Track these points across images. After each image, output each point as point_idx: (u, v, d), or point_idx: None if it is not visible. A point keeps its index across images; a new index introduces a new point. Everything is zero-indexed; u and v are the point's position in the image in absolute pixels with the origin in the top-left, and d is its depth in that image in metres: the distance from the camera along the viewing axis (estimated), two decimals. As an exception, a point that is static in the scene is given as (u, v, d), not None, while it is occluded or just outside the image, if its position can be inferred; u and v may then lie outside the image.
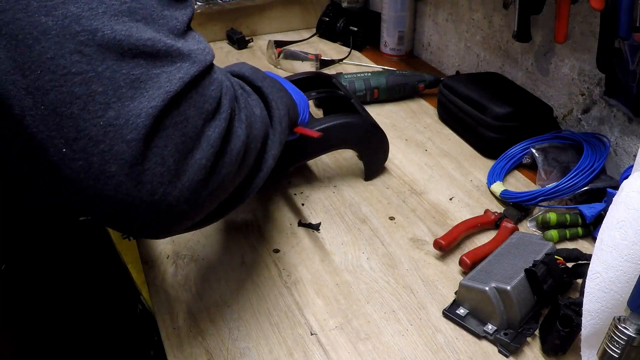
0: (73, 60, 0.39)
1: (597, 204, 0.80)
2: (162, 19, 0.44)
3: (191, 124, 0.44)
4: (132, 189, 0.42)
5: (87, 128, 0.40)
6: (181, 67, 0.43)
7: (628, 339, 0.48)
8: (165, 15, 0.44)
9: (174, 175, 0.43)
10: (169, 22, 0.44)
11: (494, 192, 0.90)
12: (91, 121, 0.40)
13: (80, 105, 0.39)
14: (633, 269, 0.51)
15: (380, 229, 0.83)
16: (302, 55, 1.35)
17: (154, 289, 0.73)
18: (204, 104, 0.45)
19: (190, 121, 0.44)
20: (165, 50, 0.42)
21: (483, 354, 0.64)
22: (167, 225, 0.47)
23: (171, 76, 0.42)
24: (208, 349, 0.65)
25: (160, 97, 0.42)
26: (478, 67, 1.24)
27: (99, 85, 0.40)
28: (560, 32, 0.91)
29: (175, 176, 0.43)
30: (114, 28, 0.40)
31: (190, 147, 0.44)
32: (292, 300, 0.72)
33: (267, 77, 0.66)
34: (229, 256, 0.79)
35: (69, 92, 0.39)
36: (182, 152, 0.43)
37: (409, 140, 1.07)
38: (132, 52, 0.41)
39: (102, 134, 0.40)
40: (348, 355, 0.64)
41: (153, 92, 0.41)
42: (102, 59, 0.40)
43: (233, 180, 0.52)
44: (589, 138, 0.90)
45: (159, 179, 0.42)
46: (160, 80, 0.42)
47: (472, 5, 1.22)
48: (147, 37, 0.42)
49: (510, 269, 0.68)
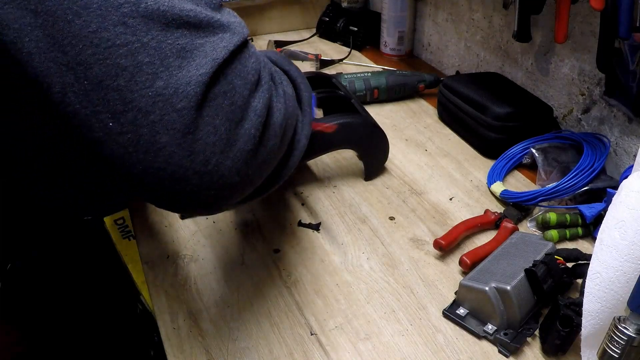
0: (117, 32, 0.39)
1: (597, 204, 0.80)
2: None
3: (239, 93, 0.44)
4: (185, 159, 0.41)
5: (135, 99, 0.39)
6: (223, 38, 0.43)
7: (628, 339, 0.48)
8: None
9: (226, 144, 0.43)
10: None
11: (494, 192, 0.90)
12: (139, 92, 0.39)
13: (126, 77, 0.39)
14: (633, 269, 0.51)
15: (380, 229, 0.83)
16: (302, 55, 1.35)
17: (154, 289, 0.73)
18: (247, 75, 0.45)
19: (237, 90, 0.44)
20: (207, 21, 0.43)
21: (483, 354, 0.64)
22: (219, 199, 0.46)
23: (215, 45, 0.42)
24: (208, 349, 0.65)
25: (209, 65, 0.41)
26: (478, 67, 1.24)
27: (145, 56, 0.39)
28: (560, 32, 0.91)
29: (227, 145, 0.43)
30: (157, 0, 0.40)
31: (239, 116, 0.44)
32: (292, 300, 0.72)
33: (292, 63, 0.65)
34: (229, 256, 0.79)
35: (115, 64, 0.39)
36: (232, 121, 0.43)
37: (409, 140, 1.07)
38: (176, 22, 0.41)
39: (151, 104, 0.39)
40: (348, 355, 0.64)
41: (200, 60, 0.41)
42: (147, 29, 0.40)
43: (277, 155, 0.51)
44: (589, 138, 0.90)
45: (211, 149, 0.42)
46: (206, 49, 0.42)
47: (472, 5, 1.22)
48: (189, 8, 0.42)
49: (510, 269, 0.68)
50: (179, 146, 0.40)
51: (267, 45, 1.40)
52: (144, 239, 0.82)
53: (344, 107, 0.94)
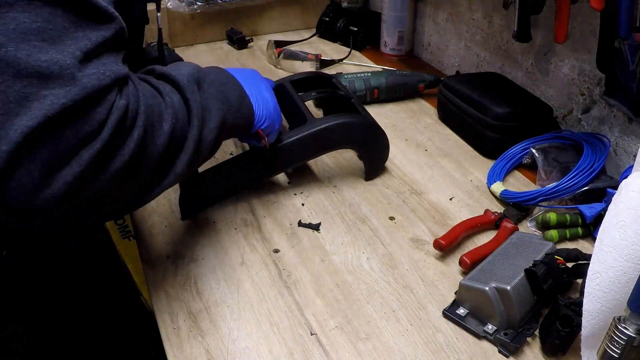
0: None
1: (597, 204, 0.79)
2: (72, 40, 0.48)
3: (64, 143, 0.47)
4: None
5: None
6: (69, 92, 0.46)
7: (628, 339, 0.49)
8: (76, 36, 0.48)
9: (38, 187, 0.46)
10: (78, 42, 0.48)
11: (494, 192, 0.90)
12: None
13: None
14: (633, 269, 0.51)
15: (380, 229, 0.83)
16: (302, 55, 1.35)
17: (154, 289, 0.73)
18: (83, 126, 0.48)
19: (64, 140, 0.47)
20: (58, 73, 0.46)
21: (483, 354, 0.64)
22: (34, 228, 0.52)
23: (55, 100, 0.45)
24: (208, 349, 0.65)
25: (38, 119, 0.45)
26: (478, 67, 1.24)
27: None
28: (560, 32, 0.91)
29: (39, 189, 0.46)
30: (18, 46, 0.44)
31: (58, 164, 0.47)
32: (292, 300, 0.72)
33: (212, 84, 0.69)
34: (229, 256, 0.79)
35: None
36: (49, 168, 0.46)
37: (409, 140, 1.07)
38: (27, 71, 0.45)
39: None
40: (348, 355, 0.64)
41: (35, 112, 0.45)
42: (1, 72, 0.44)
43: (113, 194, 0.54)
44: (589, 138, 0.90)
45: (22, 189, 0.45)
46: (45, 102, 0.45)
47: (472, 5, 1.22)
48: (45, 59, 0.45)
49: (510, 269, 0.68)
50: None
51: (267, 45, 1.40)
52: (144, 239, 0.82)
53: (344, 107, 0.94)
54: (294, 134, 0.85)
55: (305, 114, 0.87)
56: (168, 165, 0.61)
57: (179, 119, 0.61)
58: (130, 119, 0.52)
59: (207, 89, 0.67)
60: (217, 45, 1.51)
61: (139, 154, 0.54)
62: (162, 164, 0.59)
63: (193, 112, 0.63)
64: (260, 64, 1.40)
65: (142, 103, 0.54)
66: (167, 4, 1.40)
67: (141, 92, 0.55)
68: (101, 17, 0.50)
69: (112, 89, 0.50)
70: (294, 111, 0.90)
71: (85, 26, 0.49)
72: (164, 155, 0.59)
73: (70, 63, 0.46)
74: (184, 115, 0.62)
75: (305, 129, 0.85)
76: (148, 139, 0.55)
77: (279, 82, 0.96)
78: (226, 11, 1.50)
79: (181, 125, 0.61)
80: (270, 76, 0.98)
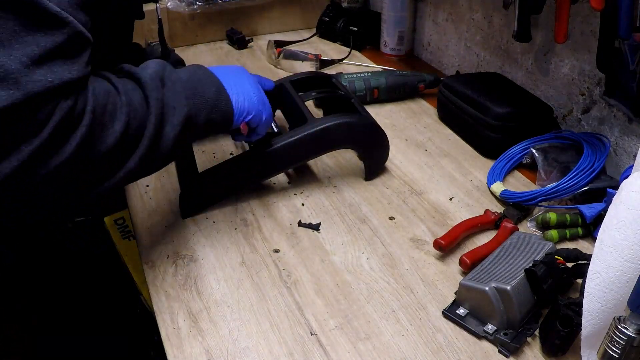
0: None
1: (597, 204, 0.79)
2: (20, 44, 0.50)
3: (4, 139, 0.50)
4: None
5: None
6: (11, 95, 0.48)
7: (628, 339, 0.49)
8: (26, 41, 0.50)
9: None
10: (26, 47, 0.50)
11: (494, 192, 0.90)
12: None
13: None
14: (633, 269, 0.51)
15: (380, 229, 0.83)
16: (302, 55, 1.35)
17: (154, 289, 0.73)
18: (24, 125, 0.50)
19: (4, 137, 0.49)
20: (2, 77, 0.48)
21: (483, 354, 0.64)
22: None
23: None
24: (208, 349, 0.65)
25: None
26: (478, 67, 1.24)
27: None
28: (560, 32, 0.91)
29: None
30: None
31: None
32: (292, 300, 0.72)
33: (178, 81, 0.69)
34: (229, 256, 0.79)
35: None
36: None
37: (409, 140, 1.07)
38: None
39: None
40: (348, 355, 0.64)
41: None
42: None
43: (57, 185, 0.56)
44: (589, 138, 0.90)
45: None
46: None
47: (472, 5, 1.22)
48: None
49: (510, 269, 0.68)
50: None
51: (267, 45, 1.40)
52: (144, 239, 0.82)
53: (344, 107, 0.94)
54: (295, 133, 0.85)
55: (306, 114, 0.87)
56: (120, 161, 0.62)
57: (136, 117, 0.62)
58: (74, 120, 0.54)
59: (173, 86, 0.68)
60: (217, 45, 1.51)
61: (83, 152, 0.55)
62: (113, 160, 0.60)
63: (151, 110, 0.63)
64: (260, 64, 1.40)
65: (90, 103, 0.56)
66: (167, 4, 1.40)
67: (93, 92, 0.57)
68: (52, 21, 0.51)
69: (57, 93, 0.52)
70: (294, 111, 0.90)
71: (35, 30, 0.50)
72: (114, 153, 0.60)
73: (15, 68, 0.49)
74: (142, 113, 0.63)
75: (305, 128, 0.85)
76: (95, 138, 0.57)
77: (278, 82, 0.96)
78: (226, 11, 1.50)
79: (138, 123, 0.62)
80: (270, 76, 0.98)
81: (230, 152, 1.01)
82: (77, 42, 0.54)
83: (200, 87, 0.71)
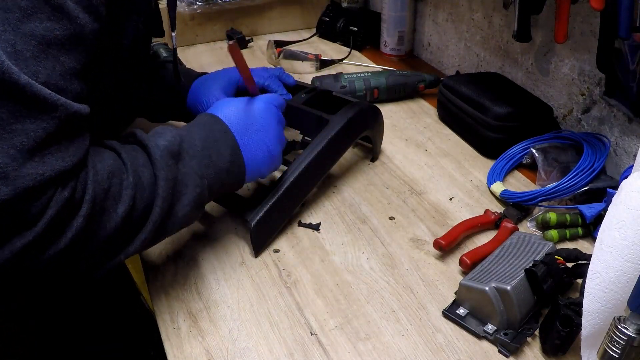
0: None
1: (597, 204, 0.79)
2: (9, 134, 0.46)
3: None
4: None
5: None
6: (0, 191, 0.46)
7: (628, 339, 0.49)
8: (14, 130, 0.47)
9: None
10: (14, 137, 0.46)
11: (494, 192, 0.90)
12: None
13: None
14: (633, 269, 0.51)
15: (380, 229, 0.83)
16: (302, 55, 1.35)
17: (154, 289, 0.73)
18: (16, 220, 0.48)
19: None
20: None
21: (483, 354, 0.64)
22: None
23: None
24: (208, 349, 0.65)
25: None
26: (478, 67, 1.24)
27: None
28: (560, 32, 0.91)
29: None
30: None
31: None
32: (292, 300, 0.72)
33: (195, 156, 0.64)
34: (229, 256, 0.78)
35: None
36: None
37: (409, 140, 1.07)
38: None
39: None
40: (348, 355, 0.64)
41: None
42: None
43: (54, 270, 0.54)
44: (589, 138, 0.90)
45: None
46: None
47: (472, 5, 1.22)
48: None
49: (510, 269, 0.68)
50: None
51: (267, 45, 1.40)
52: None
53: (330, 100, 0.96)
54: (328, 132, 0.84)
55: (322, 115, 0.88)
56: (121, 244, 0.58)
57: (143, 198, 0.58)
58: (71, 210, 0.51)
59: (188, 161, 0.63)
60: (217, 45, 1.51)
61: (80, 240, 0.52)
62: (113, 243, 0.57)
63: (159, 192, 0.59)
64: (260, 64, 1.40)
65: (89, 191, 0.52)
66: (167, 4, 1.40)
67: (94, 177, 0.53)
68: (42, 107, 0.48)
69: (51, 184, 0.49)
70: (306, 117, 0.90)
71: (25, 117, 0.47)
72: (115, 237, 0.56)
73: (3, 162, 0.46)
74: (149, 194, 0.59)
75: (335, 125, 0.85)
76: (94, 225, 0.54)
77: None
78: (226, 11, 1.50)
79: (144, 204, 0.58)
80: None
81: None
82: (71, 124, 0.51)
83: (215, 153, 0.67)
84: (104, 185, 0.54)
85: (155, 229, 0.60)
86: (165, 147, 0.61)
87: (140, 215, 0.58)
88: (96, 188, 0.53)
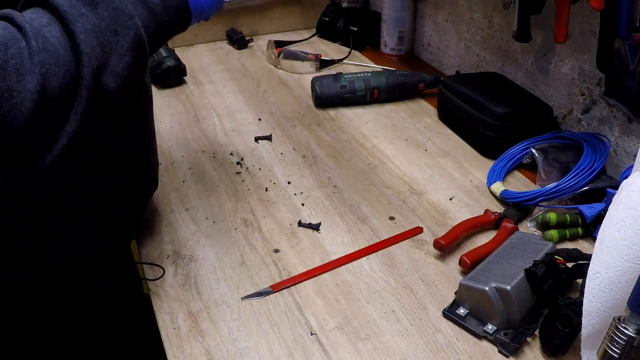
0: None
1: (597, 204, 0.79)
2: None
3: None
4: None
5: None
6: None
7: (628, 339, 0.49)
8: None
9: None
10: None
11: (494, 192, 0.90)
12: None
13: None
14: (633, 269, 0.51)
15: (380, 229, 0.83)
16: (302, 55, 1.35)
17: (154, 289, 0.73)
18: None
19: None
20: None
21: (483, 354, 0.64)
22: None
23: None
24: (208, 349, 0.65)
25: None
26: (478, 67, 1.24)
27: None
28: (560, 32, 0.91)
29: None
30: None
31: None
32: (292, 300, 0.72)
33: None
34: (229, 256, 0.79)
35: None
36: None
37: (409, 140, 1.07)
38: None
39: None
40: (348, 355, 0.64)
41: None
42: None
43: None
44: (589, 138, 0.90)
45: None
46: None
47: (472, 5, 1.22)
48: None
49: (510, 269, 0.68)
50: None
51: (267, 45, 1.40)
52: (144, 239, 0.82)
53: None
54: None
55: None
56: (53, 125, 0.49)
57: (58, 63, 0.48)
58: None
59: (109, 3, 0.53)
60: (217, 45, 1.51)
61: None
62: (40, 127, 0.48)
63: (81, 49, 0.49)
64: (260, 64, 1.40)
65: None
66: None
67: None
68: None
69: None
70: None
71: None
72: (38, 117, 0.47)
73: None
74: (66, 55, 0.49)
75: None
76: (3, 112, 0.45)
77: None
78: (226, 11, 1.50)
79: (65, 68, 0.49)
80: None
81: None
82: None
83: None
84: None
85: (92, 94, 0.50)
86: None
87: (63, 83, 0.49)
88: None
